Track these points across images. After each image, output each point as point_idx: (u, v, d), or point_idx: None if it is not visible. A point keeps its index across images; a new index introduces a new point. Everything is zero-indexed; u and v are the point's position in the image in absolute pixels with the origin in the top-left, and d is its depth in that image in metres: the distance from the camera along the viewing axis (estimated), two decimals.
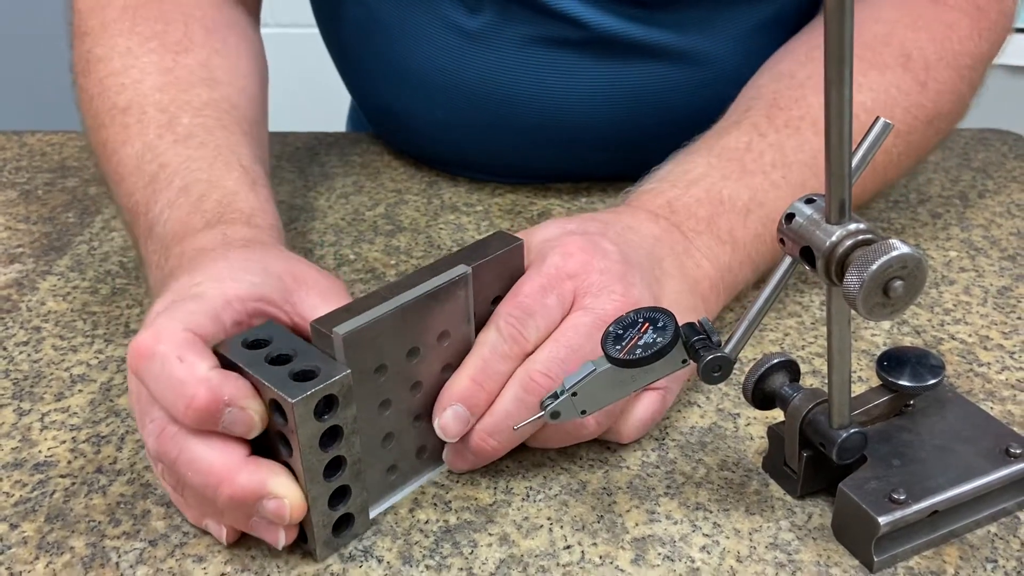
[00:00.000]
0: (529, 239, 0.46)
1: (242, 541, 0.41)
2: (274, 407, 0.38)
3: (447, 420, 0.42)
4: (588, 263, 0.43)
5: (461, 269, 0.42)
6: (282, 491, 0.38)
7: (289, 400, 0.36)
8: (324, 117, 1.05)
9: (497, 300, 0.44)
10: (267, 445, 0.39)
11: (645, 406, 0.45)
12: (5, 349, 0.54)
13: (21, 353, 0.54)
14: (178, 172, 0.52)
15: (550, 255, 0.44)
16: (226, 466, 0.37)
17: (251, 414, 0.37)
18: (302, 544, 0.41)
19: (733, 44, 0.64)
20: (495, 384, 0.42)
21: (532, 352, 0.42)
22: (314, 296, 0.43)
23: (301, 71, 1.31)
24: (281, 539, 0.39)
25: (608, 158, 0.69)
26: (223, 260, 0.43)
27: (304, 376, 0.38)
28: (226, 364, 0.38)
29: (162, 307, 0.41)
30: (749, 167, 0.52)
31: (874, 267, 0.33)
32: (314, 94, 1.27)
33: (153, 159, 0.53)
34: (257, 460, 0.38)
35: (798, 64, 0.58)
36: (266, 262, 0.43)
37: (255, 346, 0.39)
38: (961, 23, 0.58)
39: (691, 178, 0.52)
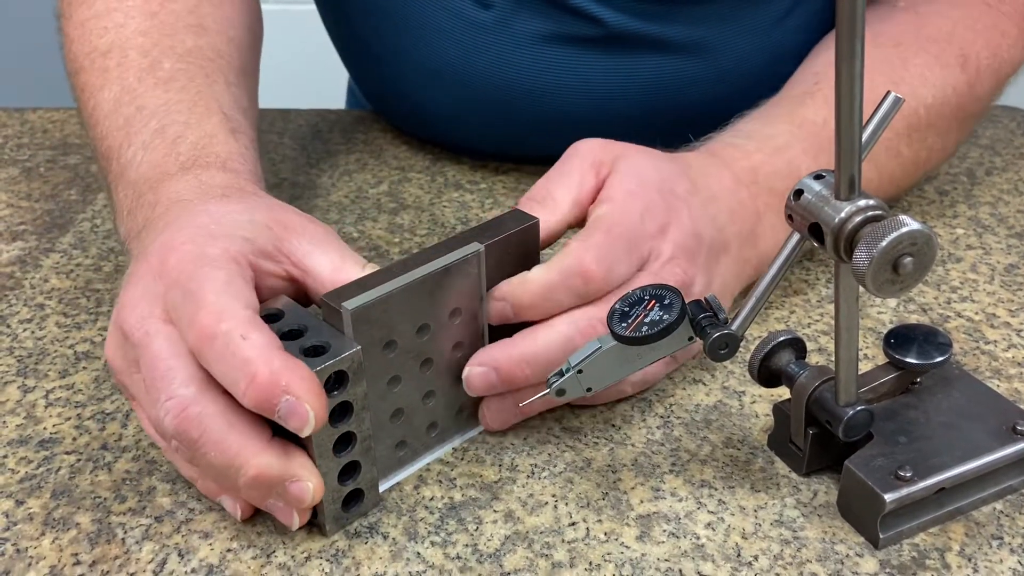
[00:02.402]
0: (625, 163, 0.45)
1: (248, 518, 0.41)
2: None
3: (493, 309, 0.42)
4: (665, 229, 0.44)
5: (474, 247, 0.41)
6: (304, 475, 0.38)
7: None
8: (324, 93, 1.04)
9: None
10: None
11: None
12: (9, 326, 0.54)
13: (25, 330, 0.54)
14: (155, 114, 0.51)
15: (638, 203, 0.44)
16: (249, 448, 0.37)
17: (305, 409, 0.35)
18: (309, 520, 0.41)
19: (749, 37, 0.64)
20: (550, 310, 0.42)
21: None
22: (305, 243, 0.42)
23: (302, 48, 1.30)
24: (295, 521, 0.39)
25: None
26: (205, 215, 0.42)
27: (315, 351, 0.38)
28: None
29: (150, 273, 0.39)
30: (825, 146, 0.52)
31: (884, 243, 0.33)
32: (315, 70, 1.27)
33: (131, 102, 0.52)
34: (280, 443, 0.38)
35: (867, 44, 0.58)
36: (250, 212, 0.43)
37: (267, 320, 0.39)
38: (1011, 32, 0.59)
39: (776, 145, 0.52)
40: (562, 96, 0.64)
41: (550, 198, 0.45)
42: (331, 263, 0.42)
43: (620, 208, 0.44)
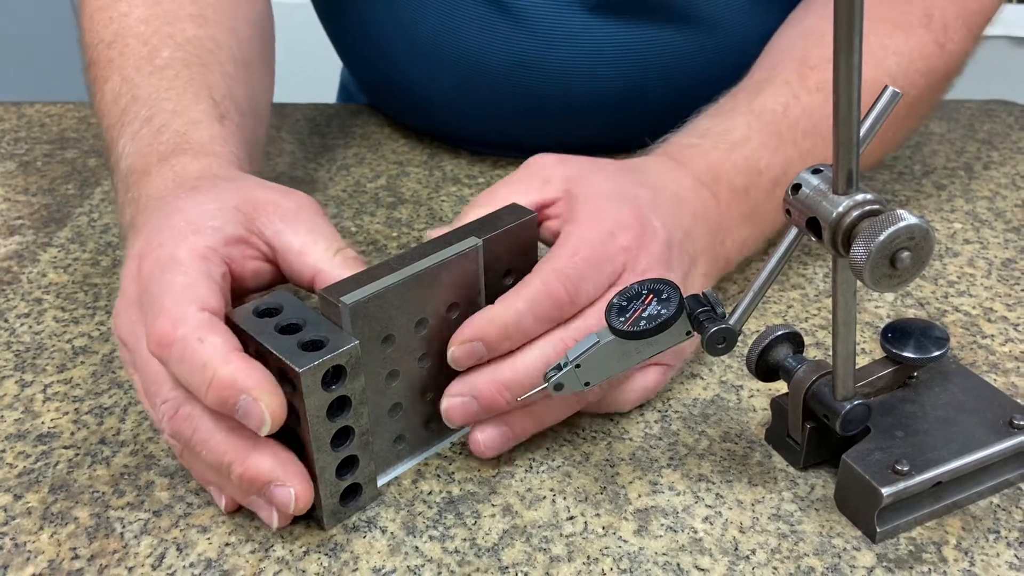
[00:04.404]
0: (581, 184, 0.45)
1: (246, 512, 0.41)
2: (282, 377, 0.38)
3: (463, 352, 0.41)
4: (639, 242, 0.43)
5: (472, 241, 0.41)
6: (289, 481, 0.38)
7: (297, 369, 0.36)
8: (316, 89, 1.04)
9: (509, 273, 0.43)
10: None
11: (646, 377, 0.45)
12: (6, 321, 0.54)
13: (23, 325, 0.54)
14: (146, 103, 0.51)
15: (606, 220, 0.43)
16: (237, 447, 0.37)
17: (262, 407, 0.36)
18: (307, 514, 0.41)
19: (744, 10, 0.63)
20: (523, 339, 0.41)
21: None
22: (276, 221, 0.42)
23: (292, 43, 1.30)
24: (274, 520, 0.39)
25: (614, 132, 0.68)
26: (177, 213, 0.42)
27: (313, 346, 0.38)
28: (236, 332, 0.38)
29: (133, 274, 0.41)
30: (785, 135, 0.52)
31: (881, 238, 0.33)
32: (306, 66, 1.26)
33: (128, 91, 0.53)
34: (272, 445, 0.38)
35: (825, 21, 0.57)
36: (220, 199, 0.43)
37: (265, 315, 0.39)
38: None
39: (733, 140, 0.51)
40: (557, 71, 0.64)
41: (491, 203, 0.45)
42: (299, 243, 0.42)
43: (585, 227, 0.43)
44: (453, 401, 0.42)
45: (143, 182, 0.46)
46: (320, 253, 0.42)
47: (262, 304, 0.40)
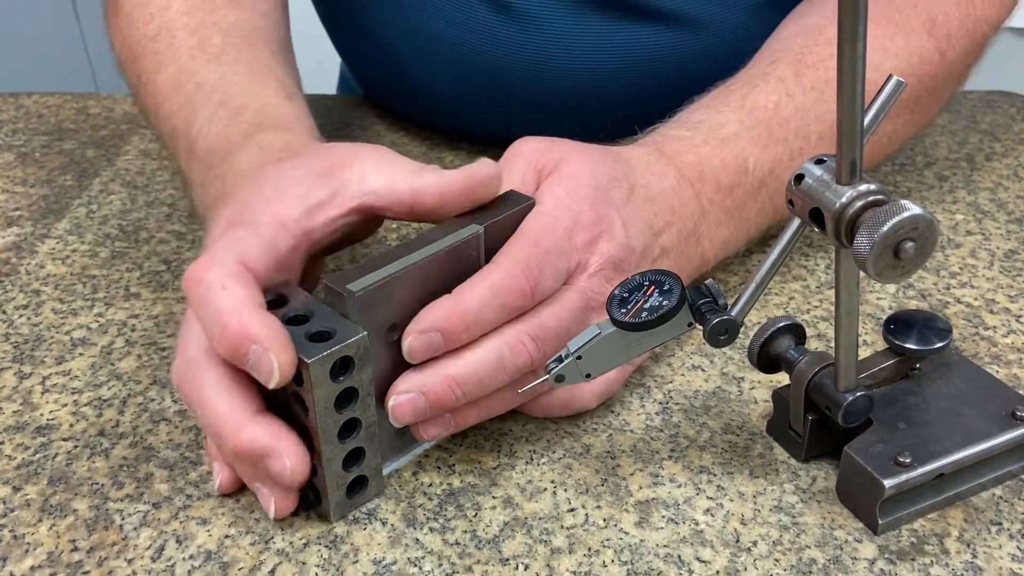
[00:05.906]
0: (562, 170, 0.44)
1: (246, 504, 0.41)
2: None
3: (421, 343, 0.39)
4: (594, 242, 0.43)
5: (473, 228, 0.41)
6: (285, 452, 0.37)
7: (305, 360, 0.36)
8: (315, 80, 1.03)
9: None
10: (284, 406, 0.39)
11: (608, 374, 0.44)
12: (5, 312, 0.54)
13: (21, 316, 0.54)
14: (216, 88, 0.52)
15: (568, 215, 0.43)
16: (233, 419, 0.37)
17: (270, 360, 0.36)
18: (305, 508, 0.41)
19: (747, 13, 0.63)
20: (481, 331, 0.40)
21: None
22: (357, 169, 0.42)
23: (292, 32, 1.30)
24: (272, 510, 0.39)
25: (617, 132, 0.68)
26: (265, 180, 0.42)
27: (320, 337, 0.37)
28: None
29: (218, 235, 0.41)
30: (775, 133, 0.51)
31: (885, 228, 0.33)
32: (304, 57, 1.26)
33: (189, 79, 0.54)
34: (266, 418, 0.38)
35: (827, 20, 0.56)
36: (304, 167, 0.43)
37: (272, 306, 0.39)
38: None
39: (723, 136, 0.51)
40: (558, 71, 0.64)
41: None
42: (384, 179, 0.42)
43: (548, 219, 0.42)
44: (401, 399, 0.40)
45: (229, 159, 0.47)
46: (406, 176, 0.42)
47: (269, 295, 0.40)
